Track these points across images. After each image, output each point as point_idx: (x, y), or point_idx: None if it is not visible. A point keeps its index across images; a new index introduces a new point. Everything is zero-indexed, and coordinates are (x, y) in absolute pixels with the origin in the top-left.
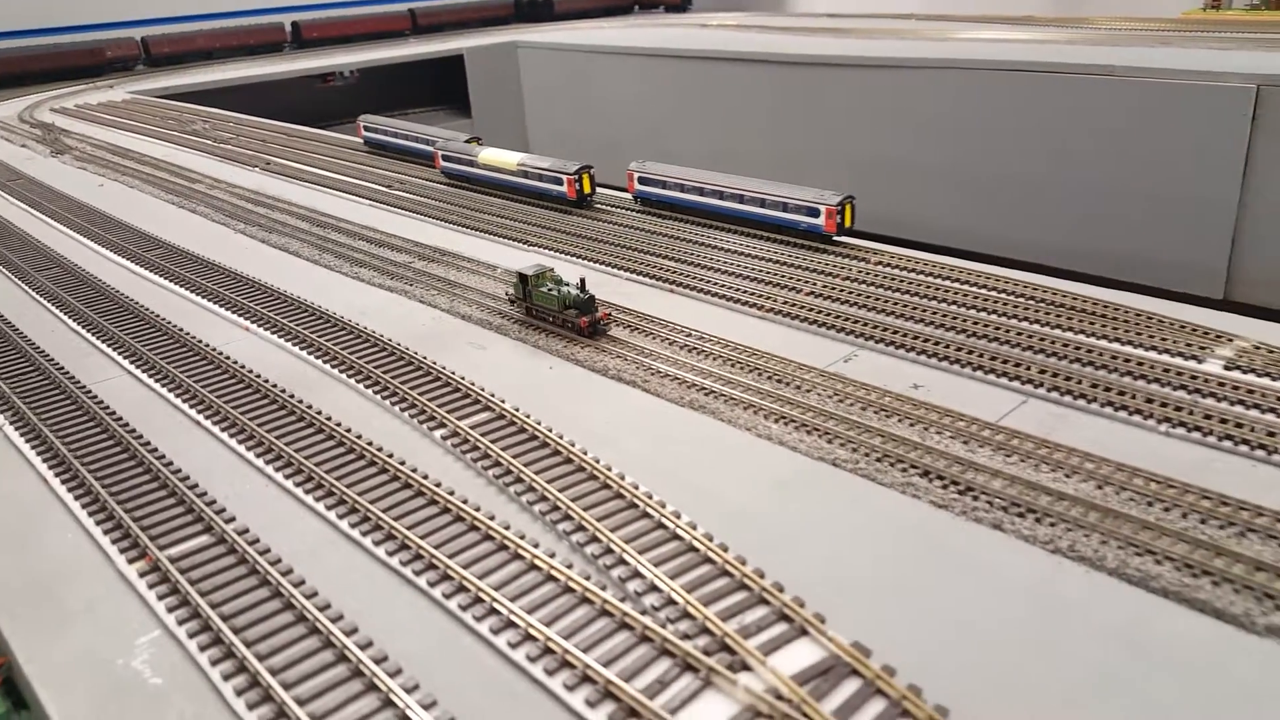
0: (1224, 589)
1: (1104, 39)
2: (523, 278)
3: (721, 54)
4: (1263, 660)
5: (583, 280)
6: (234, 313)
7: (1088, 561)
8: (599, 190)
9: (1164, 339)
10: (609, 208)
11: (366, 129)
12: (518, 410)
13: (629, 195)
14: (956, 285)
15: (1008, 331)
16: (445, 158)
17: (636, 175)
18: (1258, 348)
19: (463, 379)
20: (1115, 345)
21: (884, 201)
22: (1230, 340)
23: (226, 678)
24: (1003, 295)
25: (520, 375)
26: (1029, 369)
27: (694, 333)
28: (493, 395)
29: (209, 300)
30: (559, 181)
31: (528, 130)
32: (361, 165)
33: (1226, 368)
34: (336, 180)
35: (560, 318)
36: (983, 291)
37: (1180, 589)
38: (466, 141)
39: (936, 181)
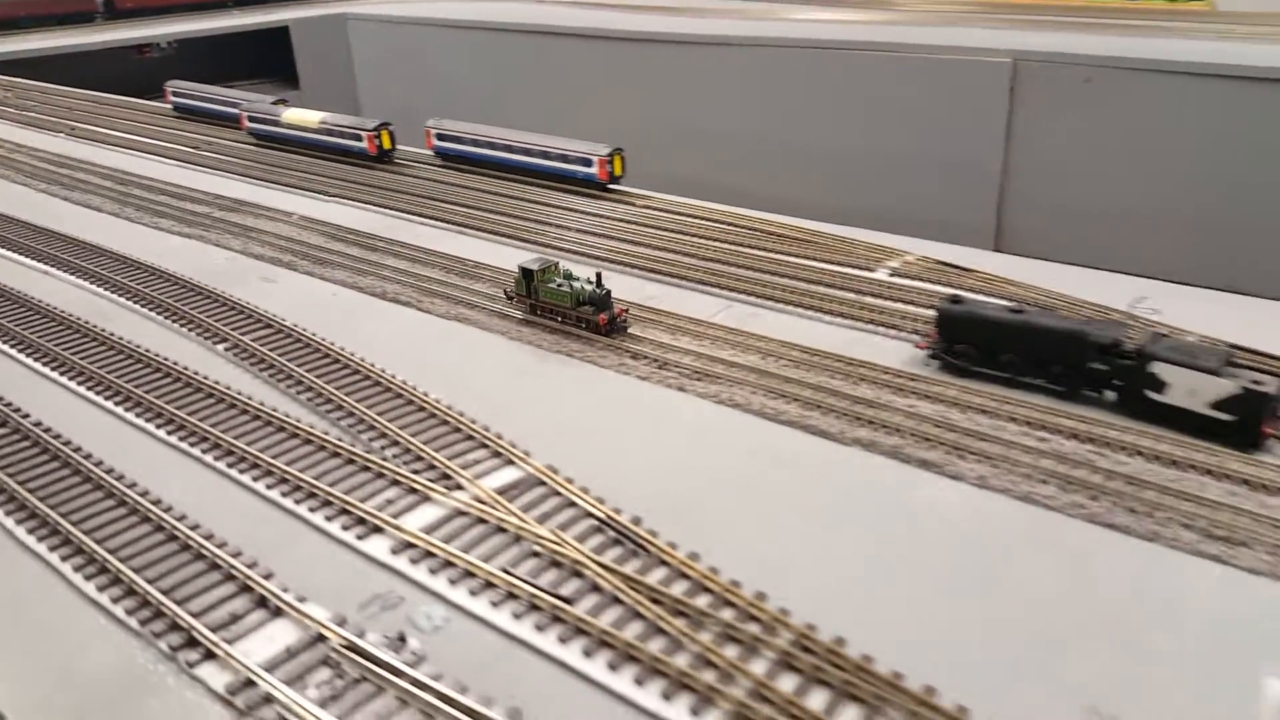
0: (828, 418)
1: (906, 19)
2: (526, 273)
3: (554, 29)
4: (848, 459)
5: (599, 275)
6: (34, 259)
7: (739, 407)
8: (401, 148)
9: (850, 255)
10: (409, 163)
11: (174, 94)
12: (296, 326)
13: (429, 152)
14: (696, 220)
15: (726, 254)
16: (251, 119)
17: (434, 132)
18: (921, 260)
19: (252, 305)
20: (809, 261)
21: (701, 168)
22: (901, 254)
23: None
24: (729, 227)
25: (307, 298)
26: (736, 280)
27: (468, 261)
28: (275, 315)
29: (9, 250)
30: (359, 138)
31: (360, 103)
32: (170, 129)
33: (890, 274)
34: (143, 143)
35: (574, 315)
36: (715, 225)
37: (799, 420)
38: (274, 103)
39: (750, 150)
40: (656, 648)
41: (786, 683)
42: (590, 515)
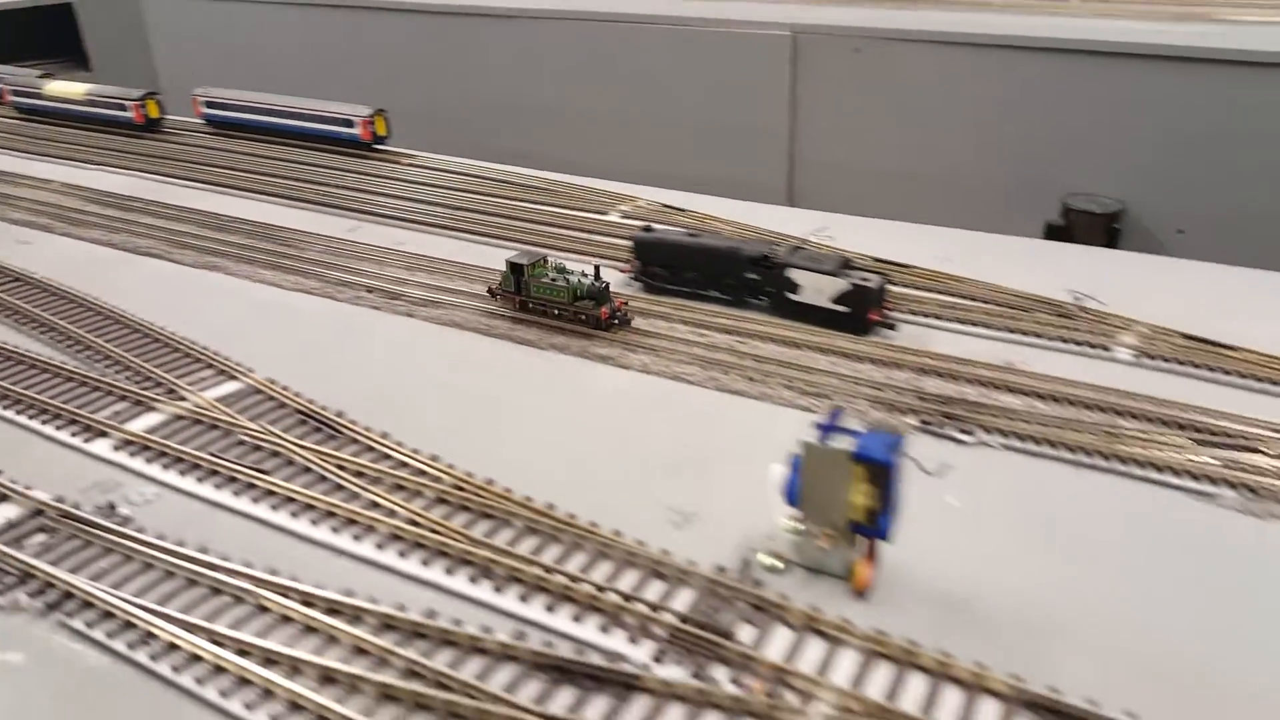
0: (532, 330)
1: None
2: (515, 268)
3: (371, 4)
4: (544, 359)
5: (597, 268)
6: None
7: (455, 325)
8: (173, 117)
9: (588, 202)
10: (178, 131)
11: None
12: (49, 279)
13: (199, 120)
14: (453, 175)
15: (474, 202)
16: (14, 92)
17: (202, 100)
18: (649, 204)
19: (4, 263)
20: (550, 208)
21: (518, 140)
22: (633, 199)
23: None
24: (483, 180)
25: (60, 256)
26: (476, 223)
27: (224, 216)
28: (27, 270)
29: None
30: (124, 108)
31: (161, 87)
32: None
33: (621, 216)
34: None
35: (571, 311)
36: (470, 179)
37: (507, 334)
38: (39, 76)
39: (565, 121)
40: (337, 498)
41: (437, 512)
42: (299, 412)
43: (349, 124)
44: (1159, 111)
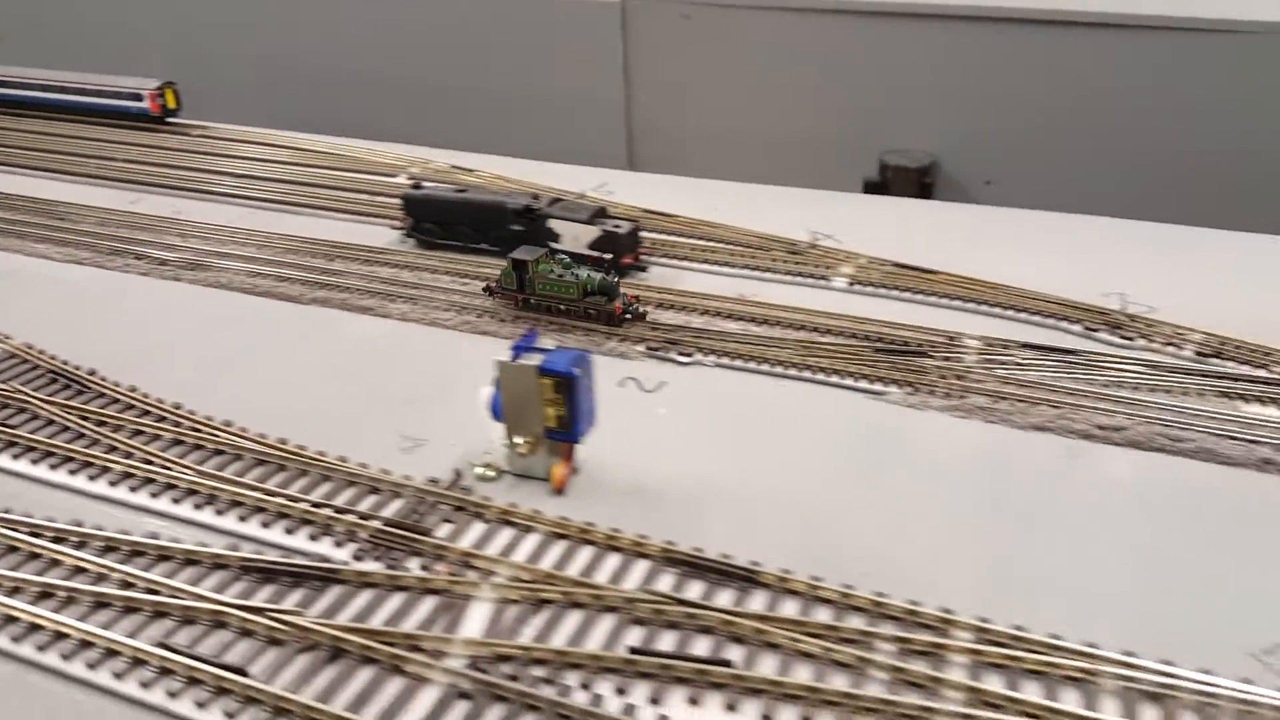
0: (296, 286)
1: None
2: (519, 264)
3: None
4: (304, 313)
5: (609, 263)
6: None
7: (204, 283)
8: None
9: (376, 165)
10: None
11: None
12: None
13: None
14: (244, 144)
15: (260, 169)
16: None
17: None
18: (440, 166)
19: None
20: (336, 172)
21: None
22: (425, 162)
23: None
24: (273, 148)
25: None
26: (261, 189)
27: (13, 195)
28: None
29: None
30: None
31: None
32: None
33: (407, 178)
34: None
35: (580, 307)
36: (257, 146)
37: (272, 291)
38: None
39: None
40: (79, 445)
41: (174, 452)
42: (51, 371)
43: (137, 98)
44: (967, 70)
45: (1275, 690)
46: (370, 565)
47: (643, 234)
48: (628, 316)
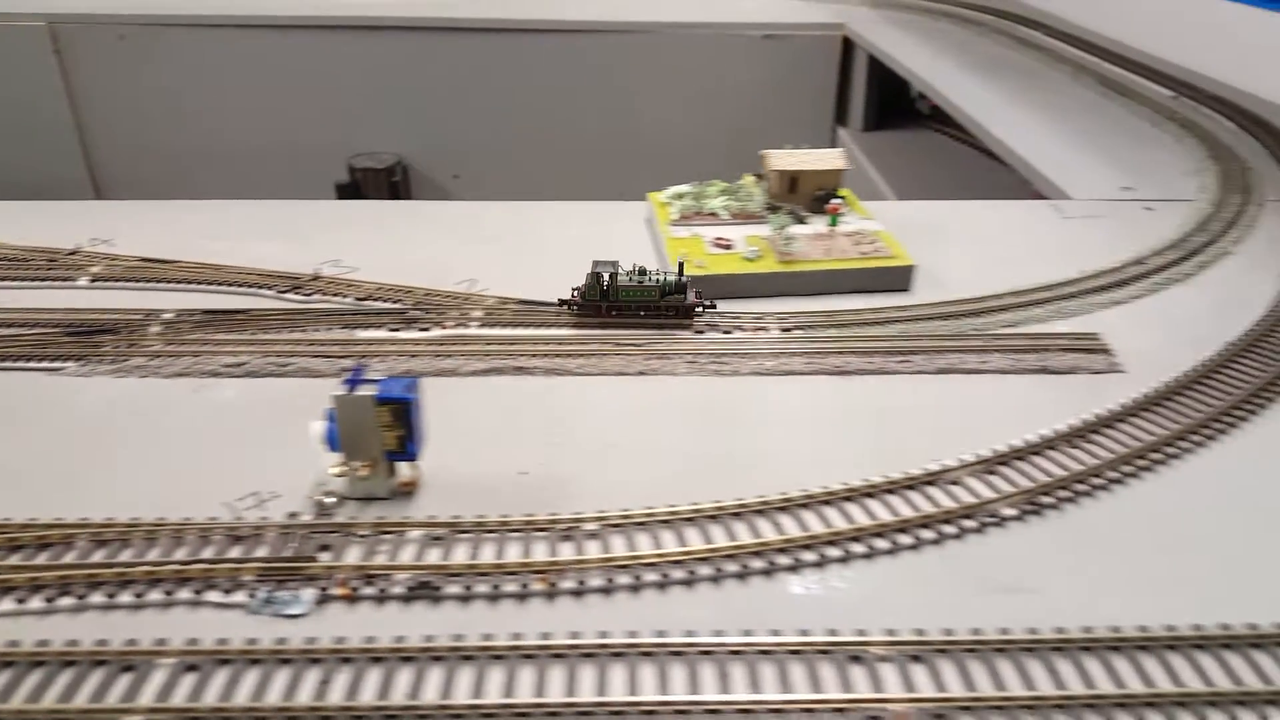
0: None
1: None
2: (598, 276)
3: None
4: None
5: (681, 264)
6: None
7: None
8: None
9: None
10: None
11: None
12: None
13: None
14: None
15: None
16: None
17: None
18: None
19: None
20: None
21: None
22: None
23: None
24: None
25: None
26: None
27: None
28: None
29: None
30: None
31: None
32: None
33: None
34: None
35: (658, 306)
36: None
37: None
38: None
39: None
40: None
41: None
42: None
43: None
44: (425, 74)
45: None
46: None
47: None
48: (699, 311)
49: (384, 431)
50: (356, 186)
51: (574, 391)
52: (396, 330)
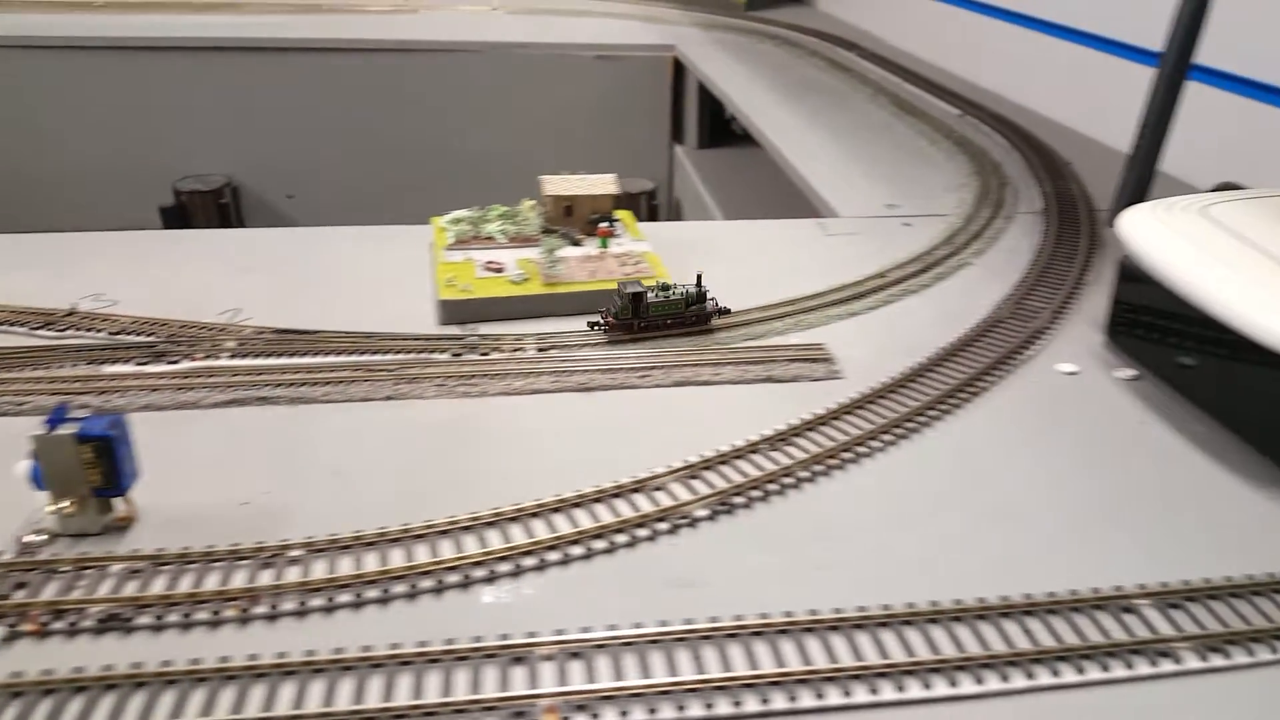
0: None
1: None
2: (635, 295)
3: None
4: None
5: (699, 276)
6: None
7: None
8: None
9: None
10: None
11: None
12: None
13: None
14: None
15: None
16: None
17: None
18: None
19: None
20: None
21: None
22: None
23: None
24: None
25: None
26: None
27: None
28: None
29: None
30: None
31: None
32: None
33: None
34: None
35: (683, 317)
36: None
37: None
38: None
39: None
40: None
41: None
42: None
43: None
44: (256, 94)
45: None
46: None
47: None
48: (718, 315)
49: (87, 469)
50: (182, 209)
51: (316, 419)
52: (144, 364)
